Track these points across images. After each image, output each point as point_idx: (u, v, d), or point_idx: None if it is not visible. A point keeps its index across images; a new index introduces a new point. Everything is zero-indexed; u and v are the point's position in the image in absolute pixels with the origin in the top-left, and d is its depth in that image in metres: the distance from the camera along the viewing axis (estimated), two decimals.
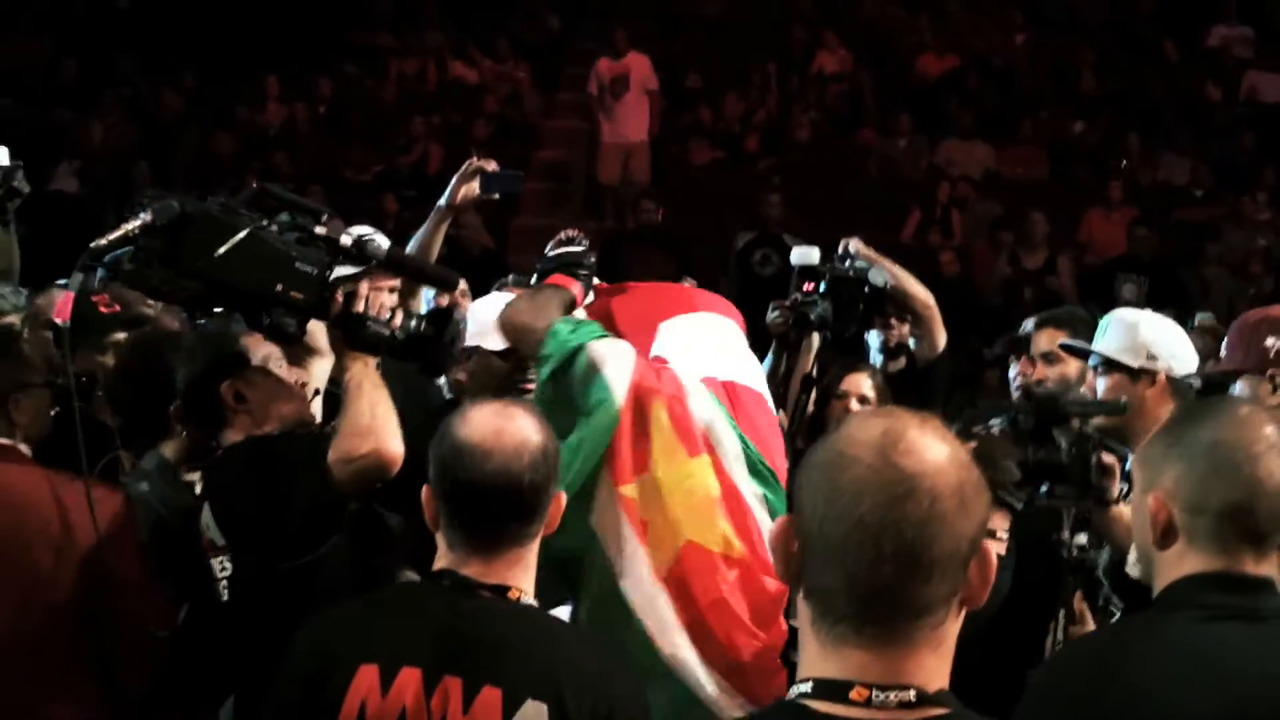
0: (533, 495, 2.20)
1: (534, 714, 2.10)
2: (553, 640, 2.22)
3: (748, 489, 2.94)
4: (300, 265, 2.72)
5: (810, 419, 4.24)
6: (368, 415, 2.70)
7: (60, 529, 2.80)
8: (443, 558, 2.23)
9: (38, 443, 3.00)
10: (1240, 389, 3.35)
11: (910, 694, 1.42)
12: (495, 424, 2.19)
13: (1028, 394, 4.13)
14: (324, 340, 2.95)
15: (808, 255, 4.32)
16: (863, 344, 4.75)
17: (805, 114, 12.42)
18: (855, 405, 4.17)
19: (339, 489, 2.69)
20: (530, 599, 2.23)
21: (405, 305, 3.63)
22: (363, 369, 2.77)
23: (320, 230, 2.80)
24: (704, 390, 3.00)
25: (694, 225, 10.45)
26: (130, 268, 2.64)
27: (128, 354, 3.38)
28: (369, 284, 2.83)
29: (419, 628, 2.17)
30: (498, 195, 4.14)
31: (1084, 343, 3.65)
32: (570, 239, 3.32)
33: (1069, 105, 12.42)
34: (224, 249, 2.63)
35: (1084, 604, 3.27)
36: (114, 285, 3.34)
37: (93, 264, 2.62)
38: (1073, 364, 3.96)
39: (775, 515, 2.89)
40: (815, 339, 4.34)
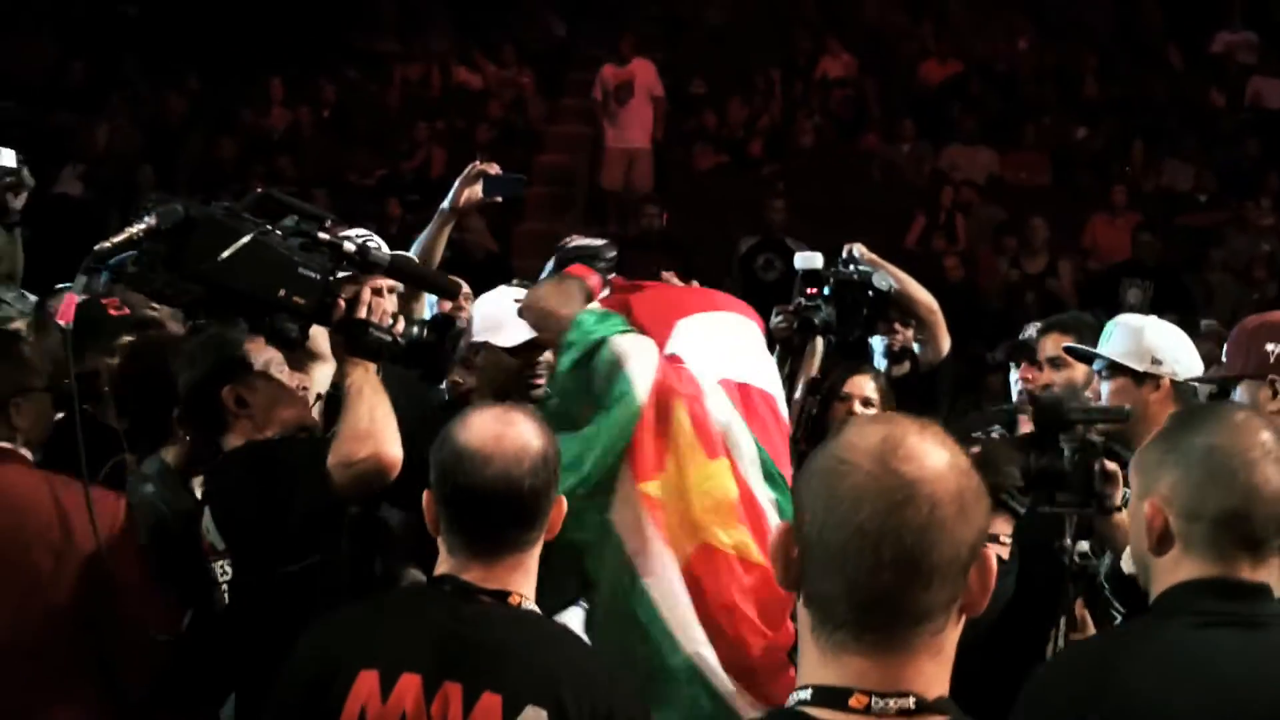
0: (533, 501, 2.19)
1: (534, 719, 2.09)
2: (553, 646, 2.22)
3: (762, 493, 2.93)
4: (303, 270, 2.73)
5: (812, 421, 4.23)
6: (367, 420, 2.70)
7: (60, 532, 2.80)
8: (443, 563, 2.23)
9: (44, 446, 3.00)
10: (1240, 394, 3.35)
11: (910, 701, 1.41)
12: (496, 429, 2.19)
13: (1033, 399, 4.13)
14: (326, 345, 2.95)
15: (811, 260, 4.32)
16: (866, 349, 4.74)
17: (809, 119, 12.41)
18: (858, 407, 4.16)
19: (339, 493, 2.69)
20: (531, 604, 2.22)
21: (407, 311, 3.63)
22: (363, 374, 2.78)
23: (323, 235, 2.80)
24: (720, 392, 2.99)
25: (697, 230, 10.43)
26: (134, 271, 2.65)
27: (129, 358, 3.38)
28: (367, 284, 2.83)
29: (419, 633, 2.16)
30: (500, 198, 4.15)
31: (1089, 347, 3.65)
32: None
33: (1072, 111, 12.41)
34: (227, 253, 2.63)
35: (1085, 611, 3.27)
36: (122, 288, 3.34)
37: (96, 267, 2.63)
38: (1080, 368, 3.96)
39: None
40: (819, 343, 4.33)
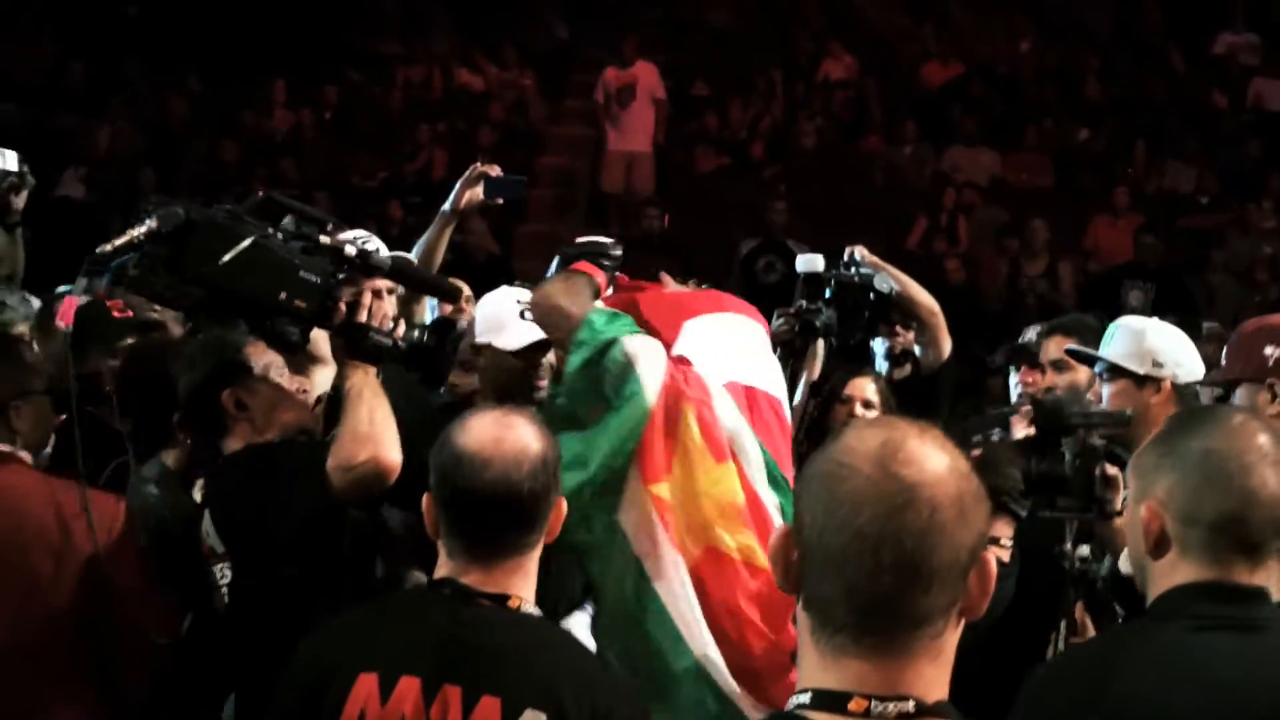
0: (532, 504, 2.19)
1: None
2: (552, 649, 2.22)
3: (768, 498, 2.92)
4: (304, 274, 2.73)
5: (813, 423, 4.23)
6: (366, 423, 2.70)
7: (59, 535, 2.80)
8: (443, 566, 2.22)
9: (50, 448, 3.00)
10: (1239, 398, 3.34)
11: (909, 705, 1.41)
12: (495, 432, 2.19)
13: (1034, 403, 4.13)
14: (326, 348, 2.96)
15: (813, 262, 4.31)
16: (868, 351, 4.73)
17: (811, 121, 12.40)
18: (859, 410, 4.16)
19: (338, 496, 2.69)
20: (530, 608, 2.22)
21: (408, 314, 3.63)
22: (363, 377, 2.78)
23: (324, 239, 2.80)
24: (727, 396, 2.98)
25: (699, 232, 10.45)
26: (135, 274, 2.65)
27: (130, 361, 3.39)
28: (367, 287, 2.83)
29: (419, 636, 2.16)
30: (501, 200, 4.15)
31: (1091, 350, 3.65)
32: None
33: (1074, 112, 12.40)
34: (228, 256, 2.64)
35: (1085, 615, 3.27)
36: (124, 290, 3.34)
37: (97, 269, 2.63)
38: (1082, 371, 3.95)
39: None
40: (821, 346, 4.33)
